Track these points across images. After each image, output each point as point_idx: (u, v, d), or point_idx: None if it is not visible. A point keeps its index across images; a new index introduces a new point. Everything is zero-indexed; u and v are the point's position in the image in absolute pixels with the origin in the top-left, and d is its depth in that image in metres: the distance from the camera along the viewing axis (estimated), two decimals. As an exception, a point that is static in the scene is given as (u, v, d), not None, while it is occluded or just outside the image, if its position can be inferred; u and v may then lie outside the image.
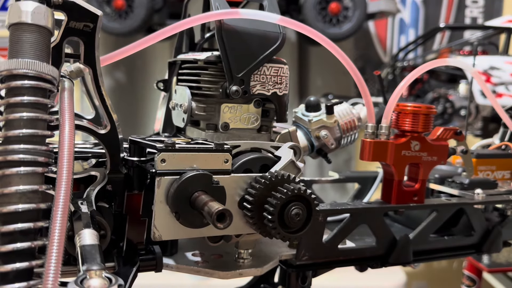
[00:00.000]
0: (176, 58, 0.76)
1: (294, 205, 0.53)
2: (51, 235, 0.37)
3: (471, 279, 1.63)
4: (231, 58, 0.63)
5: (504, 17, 3.23)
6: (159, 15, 2.54)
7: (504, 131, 1.12)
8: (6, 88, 0.44)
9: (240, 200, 0.57)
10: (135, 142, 0.59)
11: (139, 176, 0.59)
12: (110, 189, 0.57)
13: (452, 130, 0.81)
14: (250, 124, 0.67)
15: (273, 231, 0.53)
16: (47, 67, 0.44)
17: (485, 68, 2.68)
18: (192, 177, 0.53)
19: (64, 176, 0.40)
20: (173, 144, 0.54)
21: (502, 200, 0.85)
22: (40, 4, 0.46)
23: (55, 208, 0.38)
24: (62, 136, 0.42)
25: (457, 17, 4.08)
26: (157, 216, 0.54)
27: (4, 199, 0.41)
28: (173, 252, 0.65)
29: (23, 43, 0.44)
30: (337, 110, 0.82)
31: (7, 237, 0.41)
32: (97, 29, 0.53)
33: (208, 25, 0.77)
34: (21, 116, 0.43)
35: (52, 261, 0.35)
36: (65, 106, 0.46)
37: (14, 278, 0.40)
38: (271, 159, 0.62)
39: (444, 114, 3.21)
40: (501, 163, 0.96)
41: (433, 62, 0.81)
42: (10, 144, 0.42)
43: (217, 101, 0.66)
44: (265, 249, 0.70)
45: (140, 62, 2.77)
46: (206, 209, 0.49)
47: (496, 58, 2.77)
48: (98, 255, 0.40)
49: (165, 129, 0.81)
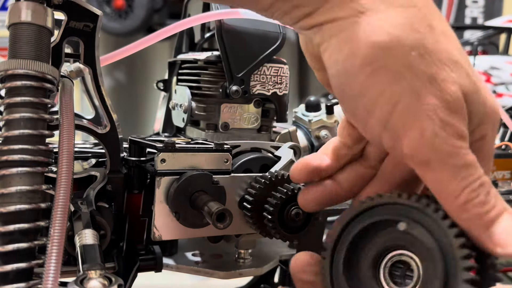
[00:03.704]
0: (176, 58, 0.76)
1: (294, 205, 0.53)
2: (51, 235, 0.37)
3: (471, 279, 1.63)
4: (231, 58, 0.63)
5: (504, 17, 3.23)
6: (159, 15, 2.54)
7: (504, 131, 1.12)
8: (6, 88, 0.44)
9: (240, 200, 0.57)
10: (135, 142, 0.59)
11: (139, 176, 0.59)
12: (110, 189, 0.57)
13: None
14: (250, 124, 0.67)
15: (273, 231, 0.53)
16: (47, 67, 0.44)
17: (485, 68, 2.68)
18: (192, 177, 0.53)
19: (64, 176, 0.40)
20: (173, 144, 0.54)
21: (502, 200, 0.85)
22: (40, 4, 0.46)
23: (55, 208, 0.38)
24: (62, 136, 0.42)
25: (457, 17, 4.08)
26: (157, 216, 0.54)
27: (4, 199, 0.41)
28: (173, 252, 0.65)
29: (23, 43, 0.44)
30: (337, 110, 0.82)
31: (7, 237, 0.41)
32: (97, 29, 0.53)
33: (208, 25, 0.77)
34: (21, 116, 0.43)
35: (52, 261, 0.35)
36: (65, 106, 0.46)
37: (14, 278, 0.40)
38: (271, 159, 0.62)
39: (444, 114, 3.21)
40: (501, 163, 0.96)
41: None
42: (10, 144, 0.42)
43: (217, 101, 0.66)
44: (265, 249, 0.70)
45: (140, 62, 2.77)
46: (206, 209, 0.49)
47: (496, 58, 2.77)
48: (98, 255, 0.40)
49: (165, 129, 0.81)
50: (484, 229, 0.33)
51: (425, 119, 0.32)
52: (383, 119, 0.33)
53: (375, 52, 0.32)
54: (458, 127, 0.33)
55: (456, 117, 0.33)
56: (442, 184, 0.33)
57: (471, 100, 0.34)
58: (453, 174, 0.33)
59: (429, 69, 0.32)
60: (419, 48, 0.32)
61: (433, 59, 0.33)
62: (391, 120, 0.33)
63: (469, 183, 0.33)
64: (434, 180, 0.34)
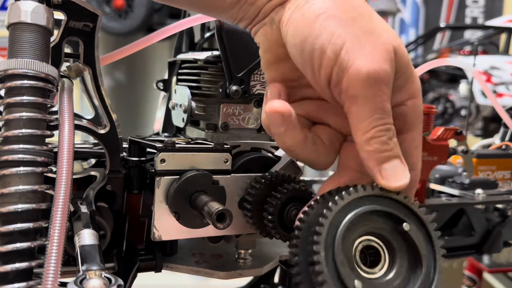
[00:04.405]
0: (176, 58, 0.76)
1: (294, 205, 0.53)
2: (51, 235, 0.37)
3: (472, 279, 1.63)
4: (231, 57, 0.63)
5: (504, 17, 3.23)
6: (159, 15, 2.54)
7: (504, 131, 1.12)
8: (6, 88, 0.43)
9: (240, 200, 0.57)
10: (134, 142, 0.59)
11: (139, 176, 0.59)
12: (110, 189, 0.56)
13: (452, 130, 0.81)
14: (250, 124, 0.67)
15: (273, 231, 0.53)
16: (46, 67, 0.44)
17: (485, 68, 2.68)
18: (192, 177, 0.53)
19: (64, 176, 0.40)
20: (173, 144, 0.54)
21: (503, 200, 0.85)
22: (39, 4, 0.46)
23: (55, 208, 0.38)
24: (61, 136, 0.42)
25: (457, 17, 4.08)
26: (157, 216, 0.54)
27: (4, 199, 0.41)
28: (173, 252, 0.65)
29: (22, 43, 0.44)
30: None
31: (6, 237, 0.41)
32: (97, 29, 0.53)
33: (208, 25, 0.77)
34: (21, 116, 0.43)
35: (51, 261, 0.35)
36: (64, 106, 0.46)
37: (14, 278, 0.40)
38: (271, 159, 0.62)
39: (445, 114, 3.22)
40: (501, 163, 0.96)
41: (433, 62, 0.81)
42: (10, 144, 0.42)
43: (217, 101, 0.66)
44: (265, 249, 0.70)
45: (140, 62, 2.77)
46: (206, 209, 0.49)
47: (497, 58, 2.77)
48: (98, 255, 0.40)
49: (165, 129, 0.81)
50: (376, 163, 0.42)
51: (363, 60, 0.40)
52: (334, 54, 0.41)
53: (326, 4, 0.42)
54: (386, 74, 0.41)
55: (386, 64, 0.41)
56: (360, 118, 0.41)
57: (399, 56, 0.42)
58: (370, 112, 0.41)
59: (369, 25, 0.42)
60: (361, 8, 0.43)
61: (372, 19, 0.43)
62: (340, 56, 0.41)
63: (379, 124, 0.41)
64: (356, 114, 0.42)
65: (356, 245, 0.40)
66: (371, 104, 0.41)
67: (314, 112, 0.50)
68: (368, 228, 0.40)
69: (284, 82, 0.50)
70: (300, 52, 0.44)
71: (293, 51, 0.44)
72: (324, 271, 0.36)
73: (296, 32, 0.43)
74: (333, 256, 0.37)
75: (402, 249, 0.40)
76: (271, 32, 0.47)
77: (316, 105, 0.50)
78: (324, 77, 0.43)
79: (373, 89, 0.40)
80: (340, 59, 0.41)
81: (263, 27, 0.47)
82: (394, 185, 0.41)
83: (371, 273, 0.40)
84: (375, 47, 0.41)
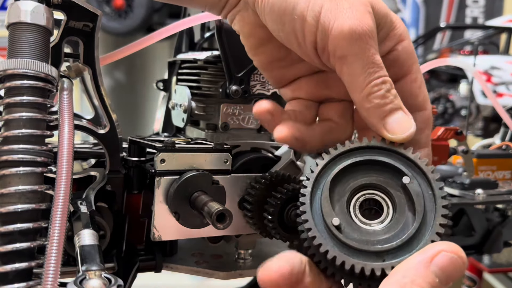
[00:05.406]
0: (175, 58, 0.76)
1: (294, 205, 0.53)
2: (51, 236, 0.37)
3: (472, 279, 1.63)
4: (230, 57, 0.63)
5: (504, 17, 3.23)
6: (159, 15, 2.54)
7: (504, 131, 1.12)
8: (5, 88, 0.43)
9: (240, 200, 0.57)
10: (134, 142, 0.59)
11: (139, 176, 0.58)
12: (110, 189, 0.56)
13: (452, 130, 0.81)
14: (250, 124, 0.67)
15: (273, 231, 0.53)
16: (46, 67, 0.44)
17: (485, 68, 2.68)
18: (192, 177, 0.53)
19: (64, 176, 0.40)
20: (173, 144, 0.54)
21: (503, 200, 0.85)
22: (39, 4, 0.46)
23: (55, 208, 0.38)
24: (61, 136, 0.42)
25: (457, 16, 4.08)
26: (157, 216, 0.54)
27: (4, 199, 0.41)
28: (173, 252, 0.65)
29: (22, 43, 0.44)
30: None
31: (6, 237, 0.41)
32: (97, 29, 0.53)
33: (208, 25, 0.77)
34: (20, 116, 0.43)
35: (51, 261, 0.35)
36: (64, 106, 0.46)
37: (14, 278, 0.40)
38: (271, 159, 0.62)
39: (445, 114, 3.22)
40: (501, 163, 0.96)
41: (433, 62, 0.81)
42: (9, 144, 0.42)
43: (217, 101, 0.66)
44: (265, 249, 0.70)
45: (140, 62, 2.77)
46: (206, 209, 0.49)
47: (497, 57, 2.77)
48: (98, 255, 0.40)
49: (165, 129, 0.81)
50: (380, 118, 0.41)
51: (343, 19, 0.40)
52: (314, 19, 0.41)
53: None
54: (369, 27, 0.41)
55: (366, 17, 0.41)
56: (353, 77, 0.41)
57: (377, 8, 0.43)
58: (362, 69, 0.41)
59: None
60: None
61: None
62: (320, 20, 0.41)
63: (373, 78, 0.41)
64: (348, 74, 0.41)
65: (358, 196, 0.41)
66: (361, 60, 0.41)
67: (315, 89, 0.50)
68: (372, 180, 0.40)
69: (274, 63, 0.49)
70: (282, 26, 0.44)
71: (274, 27, 0.44)
72: (306, 202, 0.39)
73: (273, 8, 0.43)
74: (321, 193, 0.39)
75: (403, 205, 0.40)
76: (248, 16, 0.46)
77: (314, 81, 0.50)
78: (310, 45, 0.43)
79: (359, 44, 0.40)
80: (321, 23, 0.41)
81: (238, 13, 0.47)
82: (401, 136, 0.41)
83: (366, 223, 0.40)
84: (352, 3, 0.41)
